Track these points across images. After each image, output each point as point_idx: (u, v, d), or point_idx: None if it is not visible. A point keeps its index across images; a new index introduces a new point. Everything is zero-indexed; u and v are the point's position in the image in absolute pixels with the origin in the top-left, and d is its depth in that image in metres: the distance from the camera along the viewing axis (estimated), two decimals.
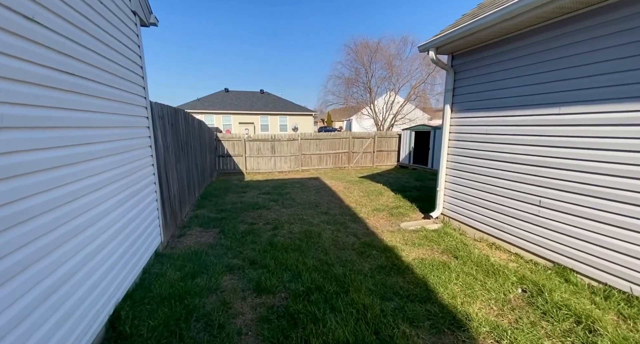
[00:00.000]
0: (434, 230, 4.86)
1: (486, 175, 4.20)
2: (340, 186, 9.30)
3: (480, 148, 4.29)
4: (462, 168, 4.68)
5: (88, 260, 2.33)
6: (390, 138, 15.33)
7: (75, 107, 2.24)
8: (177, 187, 5.47)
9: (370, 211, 6.28)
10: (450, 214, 5.03)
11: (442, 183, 5.07)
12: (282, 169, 13.86)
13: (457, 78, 4.67)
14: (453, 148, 4.87)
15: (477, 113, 4.33)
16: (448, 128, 4.89)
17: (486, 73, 4.16)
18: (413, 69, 23.78)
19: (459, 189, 4.77)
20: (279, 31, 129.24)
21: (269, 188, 9.21)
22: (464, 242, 4.30)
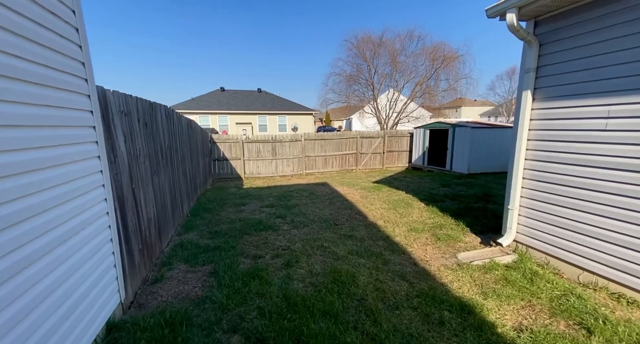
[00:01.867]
0: (511, 265, 3.44)
1: (603, 192, 2.80)
2: (356, 194, 7.86)
3: (592, 151, 2.88)
4: (553, 179, 3.27)
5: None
6: (400, 137, 13.92)
7: None
8: (155, 209, 4.00)
9: (407, 232, 4.85)
10: (529, 242, 3.62)
11: (516, 199, 3.65)
12: (285, 173, 12.39)
13: (544, 53, 3.26)
14: (536, 151, 3.45)
15: (583, 101, 2.92)
16: (527, 123, 3.47)
17: (599, 42, 2.75)
18: (418, 65, 22.39)
19: (547, 209, 3.36)
20: (277, 27, 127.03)
21: (272, 198, 7.74)
22: (573, 291, 2.88)
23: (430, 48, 21.62)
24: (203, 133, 9.79)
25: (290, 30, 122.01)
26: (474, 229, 4.78)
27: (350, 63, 23.12)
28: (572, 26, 2.99)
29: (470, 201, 6.63)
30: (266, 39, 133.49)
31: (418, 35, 21.86)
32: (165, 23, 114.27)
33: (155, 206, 4.04)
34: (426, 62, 22.11)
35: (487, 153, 10.92)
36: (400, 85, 23.29)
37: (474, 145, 10.71)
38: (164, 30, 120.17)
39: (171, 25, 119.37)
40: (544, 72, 3.27)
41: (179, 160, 5.65)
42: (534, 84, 3.35)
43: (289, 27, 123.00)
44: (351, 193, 7.97)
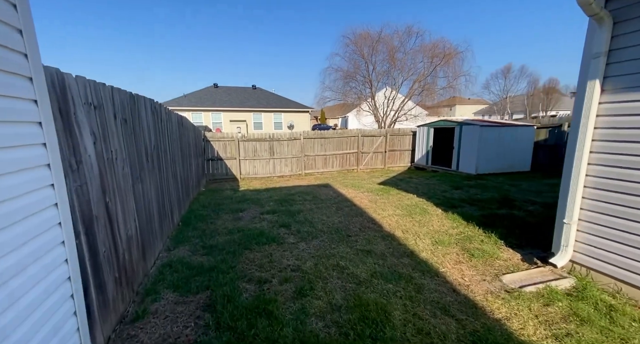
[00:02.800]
0: (573, 293, 2.83)
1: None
2: (363, 198, 7.20)
3: None
4: (629, 189, 2.65)
5: None
6: (403, 136, 13.31)
7: None
8: (137, 224, 3.26)
9: (432, 246, 4.21)
10: (590, 263, 3.01)
11: (574, 212, 3.03)
12: (283, 173, 11.66)
13: (619, 33, 2.63)
14: (604, 154, 2.83)
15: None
16: (592, 120, 2.84)
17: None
18: (417, 62, 21.82)
19: (618, 224, 2.75)
20: (271, 22, 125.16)
21: (272, 202, 7.02)
22: None
23: (429, 45, 21.08)
24: (196, 131, 9.00)
25: (286, 25, 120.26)
26: (509, 242, 4.17)
27: (347, 59, 22.44)
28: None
29: (492, 206, 6.03)
30: (262, 34, 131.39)
31: (417, 32, 21.28)
32: (156, 18, 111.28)
33: (137, 220, 3.30)
34: (425, 59, 21.57)
35: (496, 153, 10.39)
36: (399, 83, 22.73)
37: (482, 144, 10.15)
38: (157, 27, 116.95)
39: (163, 21, 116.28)
40: (618, 57, 2.64)
41: (168, 162, 4.90)
42: (605, 72, 2.72)
43: (286, 21, 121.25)
44: (358, 197, 7.31)
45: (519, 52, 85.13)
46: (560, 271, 3.19)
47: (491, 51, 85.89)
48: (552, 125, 10.83)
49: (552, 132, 10.80)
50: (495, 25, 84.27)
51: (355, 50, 21.78)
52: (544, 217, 5.15)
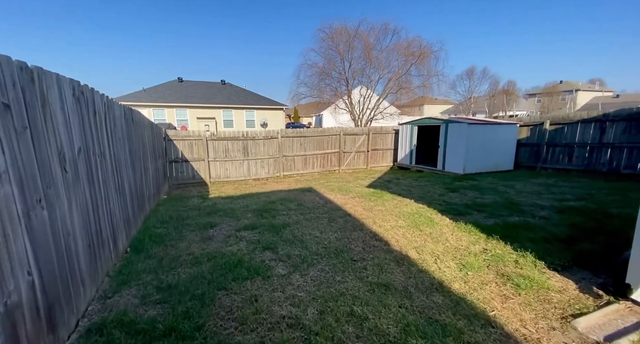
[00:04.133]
0: None
1: None
2: (356, 205, 6.23)
3: None
4: None
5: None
6: (385, 134, 12.60)
7: None
8: (35, 277, 1.97)
9: (460, 271, 3.32)
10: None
11: None
12: (259, 176, 10.39)
13: None
14: None
15: None
16: None
17: None
18: (392, 60, 21.37)
19: None
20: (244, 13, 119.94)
21: (250, 213, 5.82)
22: None
23: (404, 43, 20.73)
24: (154, 129, 7.47)
25: (257, 19, 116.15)
26: (549, 262, 3.39)
27: (323, 55, 21.47)
28: None
29: (502, 213, 5.34)
30: (229, 28, 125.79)
31: (393, 29, 20.84)
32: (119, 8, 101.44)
33: (39, 270, 2.01)
34: (400, 58, 21.19)
35: (483, 152, 9.97)
36: (374, 81, 22.18)
37: (470, 143, 9.66)
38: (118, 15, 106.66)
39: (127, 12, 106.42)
40: None
41: (107, 171, 3.54)
42: None
43: (258, 16, 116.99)
44: (350, 204, 6.32)
45: (483, 55, 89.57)
46: (638, 308, 2.42)
47: (459, 52, 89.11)
48: (534, 123, 10.66)
49: (534, 130, 10.62)
50: (463, 28, 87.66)
51: (331, 45, 20.85)
52: (568, 226, 4.51)
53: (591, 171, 9.16)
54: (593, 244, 3.78)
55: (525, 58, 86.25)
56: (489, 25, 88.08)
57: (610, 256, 3.40)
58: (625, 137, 8.56)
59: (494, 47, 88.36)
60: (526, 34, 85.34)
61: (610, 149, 8.87)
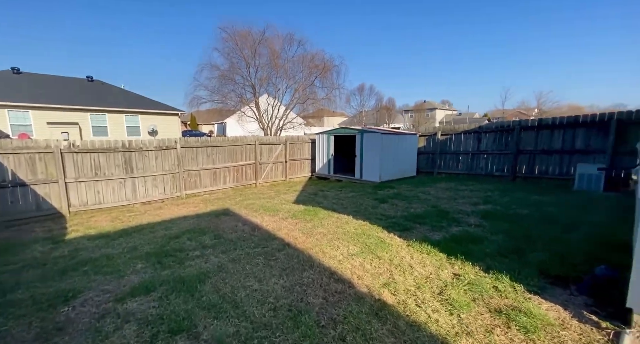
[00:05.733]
0: None
1: None
2: (291, 228, 5.03)
3: None
4: None
5: None
6: (302, 144, 11.85)
7: None
8: None
9: (453, 316, 2.60)
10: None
11: None
12: (151, 197, 7.87)
13: None
14: None
15: None
16: None
17: None
18: (297, 71, 21.18)
19: None
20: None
21: (141, 262, 3.85)
22: None
23: (309, 55, 20.86)
24: None
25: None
26: (525, 284, 3.06)
27: (227, 57, 19.39)
28: None
29: (441, 224, 5.14)
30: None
31: (298, 40, 20.68)
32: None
33: None
34: (305, 69, 21.22)
35: (394, 161, 10.37)
36: (282, 89, 21.49)
37: (384, 152, 9.86)
38: None
39: None
40: None
41: None
42: None
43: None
44: (284, 228, 5.07)
45: (370, 74, 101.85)
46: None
47: (352, 69, 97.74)
48: (429, 133, 11.90)
49: (429, 140, 11.84)
50: (356, 50, 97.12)
51: (234, 48, 19.01)
52: (504, 234, 4.54)
53: (473, 174, 10.69)
54: (540, 253, 3.75)
55: (400, 80, 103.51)
56: (372, 47, 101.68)
57: (566, 267, 3.34)
58: (495, 145, 10.32)
59: (378, 68, 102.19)
60: (400, 57, 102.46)
61: (485, 156, 10.54)
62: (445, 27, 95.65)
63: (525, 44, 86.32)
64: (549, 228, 4.69)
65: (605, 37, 76.48)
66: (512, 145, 9.78)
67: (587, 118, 8.59)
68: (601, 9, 70.18)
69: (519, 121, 10.06)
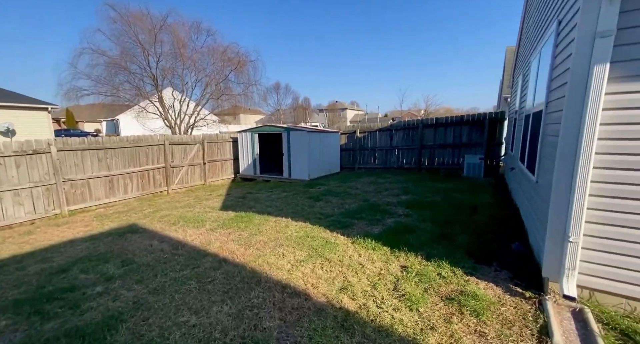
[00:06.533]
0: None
1: None
2: (225, 240, 4.35)
3: None
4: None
5: None
6: (222, 143, 10.76)
7: None
8: None
9: (411, 310, 2.61)
10: (598, 284, 2.56)
11: (578, 225, 2.48)
12: (13, 220, 5.78)
13: (630, 9, 2.19)
14: (613, 155, 2.38)
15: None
16: (597, 114, 2.32)
17: None
18: (210, 63, 19.24)
19: (631, 235, 2.39)
20: None
21: (6, 320, 2.62)
22: None
23: (220, 48, 19.17)
24: None
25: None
26: (461, 267, 3.34)
27: (118, 41, 16.01)
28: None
29: (376, 217, 5.31)
30: None
31: (207, 29, 18.71)
32: None
33: None
34: (217, 62, 19.45)
35: (320, 158, 10.47)
36: (191, 83, 19.15)
37: (311, 150, 9.82)
38: None
39: None
40: (629, 38, 2.21)
41: None
42: (611, 56, 2.25)
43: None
44: (215, 241, 4.34)
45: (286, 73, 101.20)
46: (569, 305, 2.59)
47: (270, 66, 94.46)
48: (349, 131, 12.48)
49: (350, 138, 12.43)
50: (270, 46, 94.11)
51: (127, 31, 15.82)
52: (430, 221, 4.98)
53: (388, 168, 11.74)
54: (463, 236, 4.21)
55: (313, 80, 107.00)
56: (286, 47, 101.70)
57: (484, 246, 3.81)
58: (404, 141, 11.54)
59: (293, 67, 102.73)
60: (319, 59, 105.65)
61: (396, 151, 11.70)
62: (348, 33, 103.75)
63: (419, 49, 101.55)
64: (459, 212, 5.39)
65: (464, 54, 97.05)
66: (417, 141, 11.12)
67: (469, 118, 10.42)
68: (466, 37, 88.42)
69: (421, 120, 11.49)
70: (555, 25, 3.26)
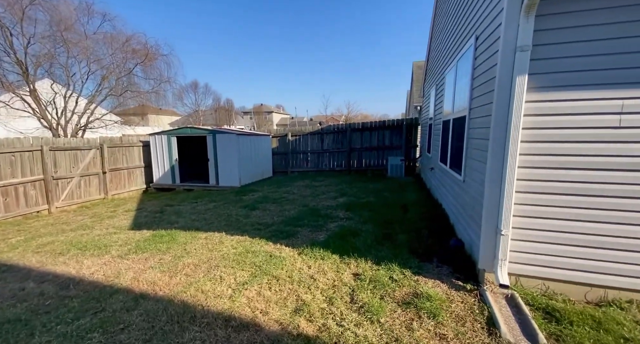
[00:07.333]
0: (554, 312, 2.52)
1: (621, 197, 2.52)
2: (140, 269, 3.45)
3: (604, 152, 2.52)
4: (556, 188, 2.69)
5: None
6: (129, 147, 9.01)
7: None
8: None
9: (373, 322, 2.48)
10: (521, 270, 2.87)
11: (508, 219, 2.75)
12: None
13: (542, 28, 2.51)
14: (532, 156, 2.70)
15: (592, 93, 2.50)
16: (520, 120, 2.61)
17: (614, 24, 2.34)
18: (107, 53, 16.13)
19: (547, 225, 2.74)
20: None
21: None
22: None
23: (122, 37, 16.31)
24: None
25: None
26: (409, 267, 3.39)
27: None
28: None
29: (318, 222, 5.12)
30: None
31: (103, 13, 15.63)
32: None
33: None
34: (118, 52, 16.46)
35: (252, 163, 9.82)
36: (80, 74, 15.64)
37: (241, 154, 9.09)
38: None
39: None
40: (547, 54, 2.53)
41: None
42: (529, 69, 2.55)
43: None
44: (127, 271, 3.40)
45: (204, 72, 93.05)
46: (503, 291, 2.84)
47: None
48: (281, 134, 12.12)
49: (282, 141, 12.09)
50: None
51: None
52: (372, 223, 5.06)
53: (320, 170, 11.87)
54: (402, 235, 4.37)
55: (236, 82, 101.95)
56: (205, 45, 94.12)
57: (422, 243, 4.02)
58: (334, 144, 11.85)
59: (214, 66, 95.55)
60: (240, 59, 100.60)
61: (328, 154, 11.93)
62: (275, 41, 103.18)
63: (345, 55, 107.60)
64: (394, 211, 5.67)
65: None
66: (347, 144, 11.55)
67: (390, 123, 11.35)
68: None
69: (349, 124, 11.99)
70: (473, 40, 3.65)
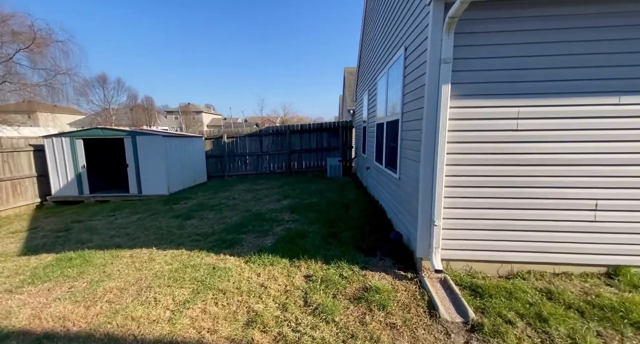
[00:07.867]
0: (477, 289, 2.92)
1: (520, 187, 3.07)
2: (42, 301, 2.76)
3: (507, 150, 3.04)
4: (475, 182, 3.12)
5: None
6: (13, 152, 7.24)
7: None
8: None
9: (333, 326, 2.50)
10: (450, 255, 3.26)
11: (440, 211, 3.10)
12: None
13: (460, 45, 2.89)
14: (456, 154, 3.08)
15: (498, 101, 2.98)
16: (446, 123, 2.97)
17: (523, 44, 2.85)
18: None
19: (468, 214, 3.17)
20: None
21: None
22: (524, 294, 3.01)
23: (9, 18, 13.08)
24: None
25: None
26: (356, 263, 3.54)
27: None
28: (489, 21, 2.85)
29: (264, 227, 4.93)
30: None
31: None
32: None
33: None
34: None
35: (182, 168, 8.94)
36: None
37: (169, 159, 8.19)
38: None
39: None
40: (464, 66, 2.91)
41: None
42: (451, 79, 2.92)
43: None
44: (23, 308, 2.68)
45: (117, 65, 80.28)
46: (438, 276, 3.18)
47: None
48: (215, 136, 11.33)
49: (216, 143, 11.32)
50: None
51: None
52: (318, 223, 5.11)
53: (260, 173, 11.54)
54: (347, 233, 4.52)
55: (161, 80, 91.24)
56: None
57: (365, 238, 4.25)
58: (274, 146, 11.66)
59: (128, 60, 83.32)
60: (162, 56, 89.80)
61: (267, 156, 11.67)
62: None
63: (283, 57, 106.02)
64: (337, 210, 5.85)
65: None
66: (287, 146, 11.49)
67: (327, 125, 11.72)
68: None
69: (288, 126, 11.94)
70: (403, 51, 4.02)
